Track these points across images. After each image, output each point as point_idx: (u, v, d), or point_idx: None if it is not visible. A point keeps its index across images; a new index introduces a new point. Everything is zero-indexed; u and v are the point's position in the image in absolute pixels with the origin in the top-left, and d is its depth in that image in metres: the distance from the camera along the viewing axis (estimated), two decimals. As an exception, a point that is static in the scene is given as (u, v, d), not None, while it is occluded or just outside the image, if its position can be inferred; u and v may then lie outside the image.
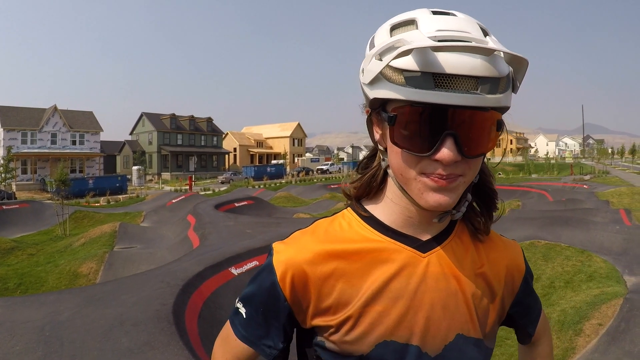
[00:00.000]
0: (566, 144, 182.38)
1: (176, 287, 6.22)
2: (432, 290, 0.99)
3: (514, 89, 0.91)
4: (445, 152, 0.85)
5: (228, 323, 1.12)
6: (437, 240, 1.04)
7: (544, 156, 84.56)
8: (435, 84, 0.82)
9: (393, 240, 1.02)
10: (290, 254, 1.01)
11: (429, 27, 0.86)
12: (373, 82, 0.90)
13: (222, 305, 6.64)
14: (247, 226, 13.46)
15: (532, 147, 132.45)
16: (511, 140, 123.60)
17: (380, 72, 0.87)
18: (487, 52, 0.83)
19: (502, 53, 0.88)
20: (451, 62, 0.81)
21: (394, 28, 0.92)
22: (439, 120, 0.85)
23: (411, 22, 0.90)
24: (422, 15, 0.89)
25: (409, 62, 0.83)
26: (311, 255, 1.00)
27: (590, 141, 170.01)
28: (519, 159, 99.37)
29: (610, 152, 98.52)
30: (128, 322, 5.07)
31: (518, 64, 0.89)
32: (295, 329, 1.09)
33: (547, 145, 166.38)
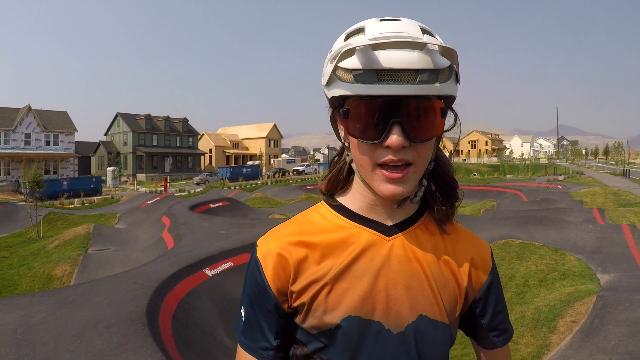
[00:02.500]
0: (541, 145, 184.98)
1: (150, 289, 6.17)
2: (395, 272, 1.08)
3: (458, 80, 1.03)
4: (394, 138, 0.96)
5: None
6: (402, 226, 1.13)
7: (519, 157, 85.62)
8: (379, 79, 0.93)
9: (359, 225, 1.12)
10: (269, 245, 1.12)
11: (373, 32, 0.99)
12: (329, 83, 1.02)
13: (196, 307, 6.60)
14: (221, 227, 13.40)
15: (507, 148, 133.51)
16: (486, 142, 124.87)
17: (334, 74, 1.00)
18: (419, 46, 0.93)
19: (437, 48, 0.96)
20: (390, 58, 0.93)
21: (348, 36, 1.05)
22: (386, 110, 0.96)
23: (361, 30, 1.02)
24: (370, 23, 1.03)
25: (354, 62, 0.95)
26: (287, 243, 1.10)
27: (565, 142, 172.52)
28: (494, 159, 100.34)
29: (584, 153, 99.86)
30: (101, 324, 5.01)
31: (449, 55, 0.98)
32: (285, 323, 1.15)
33: (522, 146, 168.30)
